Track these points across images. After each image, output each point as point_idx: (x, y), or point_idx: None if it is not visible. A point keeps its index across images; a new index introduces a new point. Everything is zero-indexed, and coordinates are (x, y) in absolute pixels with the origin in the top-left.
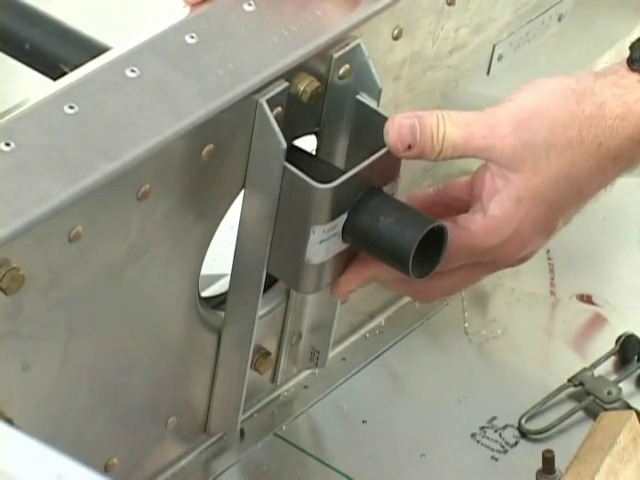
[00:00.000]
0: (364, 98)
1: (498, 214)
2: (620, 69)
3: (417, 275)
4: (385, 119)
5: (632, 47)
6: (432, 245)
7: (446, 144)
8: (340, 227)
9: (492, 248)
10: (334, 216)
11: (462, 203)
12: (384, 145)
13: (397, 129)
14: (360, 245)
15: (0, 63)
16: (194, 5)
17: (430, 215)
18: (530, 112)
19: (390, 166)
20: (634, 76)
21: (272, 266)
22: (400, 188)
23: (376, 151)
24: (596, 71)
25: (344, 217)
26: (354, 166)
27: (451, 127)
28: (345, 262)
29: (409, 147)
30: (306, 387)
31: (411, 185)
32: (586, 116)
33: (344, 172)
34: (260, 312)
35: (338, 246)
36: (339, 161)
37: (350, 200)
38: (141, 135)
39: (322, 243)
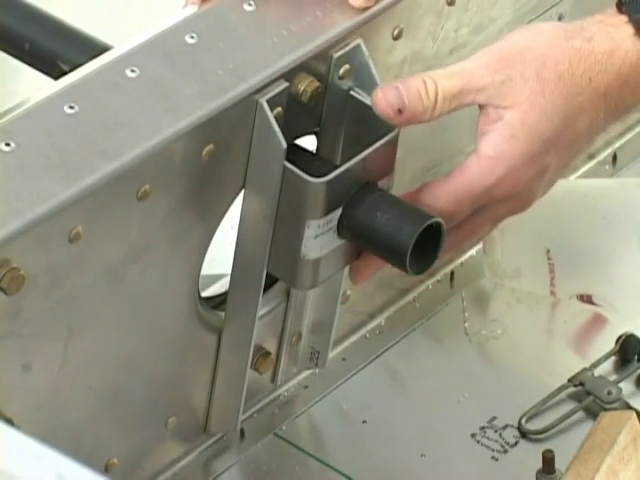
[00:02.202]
0: (358, 94)
1: (491, 152)
2: (608, 12)
3: (415, 271)
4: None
5: None
6: (429, 241)
7: (440, 97)
8: (335, 222)
9: (489, 188)
10: (329, 211)
11: None
12: (379, 140)
13: (382, 96)
14: (357, 241)
15: (2, 63)
16: (194, 3)
17: None
18: (521, 47)
19: (385, 160)
20: (622, 17)
21: (270, 264)
22: (400, 188)
23: (370, 145)
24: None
25: (339, 212)
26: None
27: (443, 80)
28: (342, 258)
29: (399, 111)
30: (306, 387)
31: (411, 185)
32: (575, 50)
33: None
34: (260, 312)
35: (334, 241)
36: (339, 160)
37: (345, 195)
38: (141, 135)
39: (317, 238)
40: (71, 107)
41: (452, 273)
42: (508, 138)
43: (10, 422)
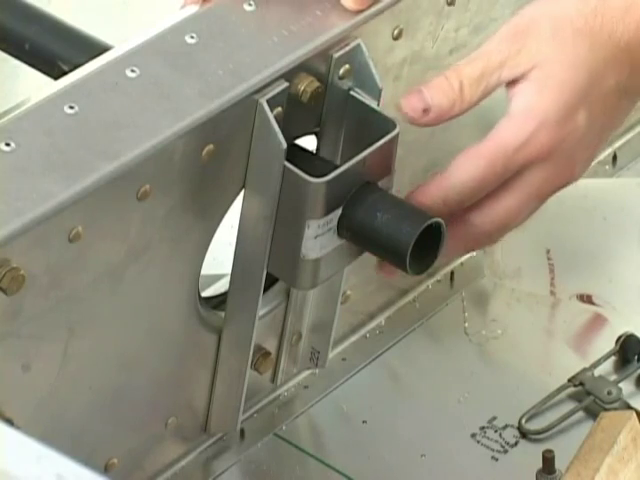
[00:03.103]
0: (358, 94)
1: (520, 107)
2: None
3: (415, 271)
4: (378, 113)
5: None
6: (429, 241)
7: (465, 85)
8: (335, 222)
9: (523, 145)
10: (329, 211)
11: None
12: (379, 140)
13: (406, 102)
14: (357, 241)
15: (2, 63)
16: (194, 3)
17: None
18: (534, 16)
19: (385, 160)
20: None
21: (270, 264)
22: (400, 188)
23: (370, 145)
24: None
25: (339, 212)
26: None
27: (463, 67)
28: (342, 258)
29: (425, 112)
30: (306, 387)
31: (411, 185)
32: (591, 8)
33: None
34: (260, 312)
35: (333, 241)
36: (339, 160)
37: (345, 195)
38: (141, 135)
39: (317, 238)
40: (71, 107)
41: (452, 273)
42: (537, 92)
43: (10, 422)
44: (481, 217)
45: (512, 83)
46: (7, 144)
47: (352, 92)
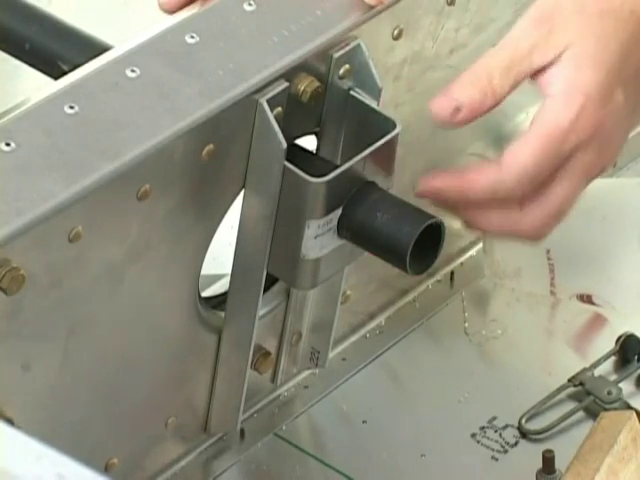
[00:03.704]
0: (358, 94)
1: (563, 86)
2: None
3: (415, 271)
4: (378, 113)
5: None
6: (429, 241)
7: (495, 76)
8: (335, 222)
9: (574, 123)
10: (329, 211)
11: None
12: (379, 140)
13: (435, 105)
14: (356, 241)
15: (2, 63)
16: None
17: None
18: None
19: (385, 160)
20: None
21: (270, 264)
22: (400, 188)
23: (370, 145)
24: None
25: (339, 212)
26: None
27: (490, 58)
28: (342, 258)
29: (458, 110)
30: (306, 387)
31: (411, 185)
32: None
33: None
34: (260, 312)
35: (333, 241)
36: (339, 160)
37: (345, 195)
38: (141, 135)
39: (317, 238)
40: (71, 107)
41: (452, 273)
42: (575, 70)
43: (10, 422)
44: (540, 209)
45: (542, 70)
46: (7, 144)
47: (352, 92)
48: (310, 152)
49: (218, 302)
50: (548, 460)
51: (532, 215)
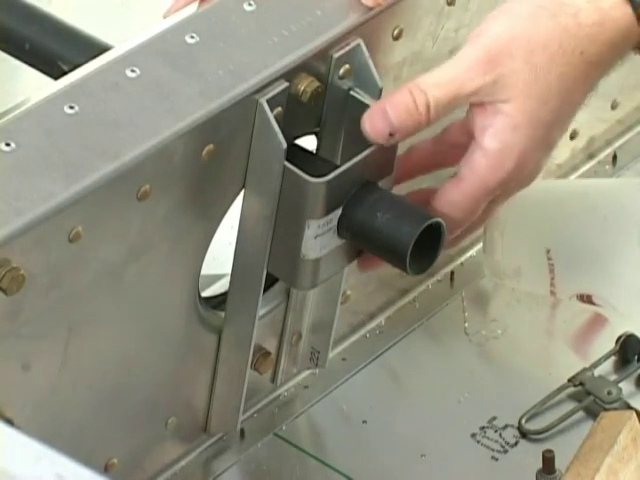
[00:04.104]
0: (358, 94)
1: (497, 146)
2: None
3: (415, 271)
4: None
5: None
6: (429, 241)
7: (432, 108)
8: (335, 222)
9: (503, 181)
10: (329, 211)
11: (461, 148)
12: None
13: (371, 126)
14: (356, 241)
15: (2, 63)
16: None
17: (432, 165)
18: (506, 40)
19: (385, 160)
20: None
21: (270, 264)
22: (400, 188)
23: (370, 145)
24: None
25: (339, 212)
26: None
27: (433, 89)
28: (342, 258)
29: (392, 135)
30: (306, 387)
31: (411, 185)
32: (562, 28)
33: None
34: (260, 312)
35: (333, 241)
36: (339, 160)
37: (345, 195)
38: (141, 135)
39: (317, 238)
40: (71, 107)
41: (452, 273)
42: (512, 129)
43: (10, 422)
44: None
45: (480, 105)
46: (7, 144)
47: (352, 92)
48: (310, 152)
49: (218, 302)
50: (548, 460)
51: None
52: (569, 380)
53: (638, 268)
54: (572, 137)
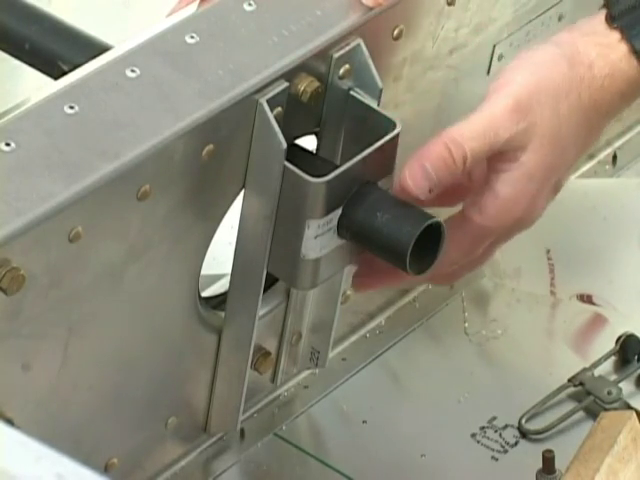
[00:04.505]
0: (358, 94)
1: (509, 194)
2: (598, 26)
3: (415, 271)
4: (378, 113)
5: (608, 2)
6: (429, 241)
7: (469, 161)
8: (335, 222)
9: (509, 227)
10: (329, 211)
11: (460, 189)
12: (379, 139)
13: (413, 184)
14: (356, 241)
15: (2, 63)
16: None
17: (425, 205)
18: (535, 89)
19: (385, 160)
20: (614, 35)
21: (270, 264)
22: None
23: (370, 145)
24: (573, 27)
25: (339, 212)
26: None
27: (470, 142)
28: (342, 258)
29: (431, 190)
30: (306, 387)
31: None
32: (580, 78)
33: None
34: (260, 312)
35: (333, 241)
36: (339, 160)
37: (345, 195)
38: (141, 135)
39: (317, 238)
40: (71, 107)
41: None
42: (528, 179)
43: (10, 422)
44: (448, 272)
45: (500, 153)
46: (7, 144)
47: (352, 92)
48: (310, 152)
49: (218, 302)
50: (548, 460)
51: (452, 272)
52: (569, 380)
53: (638, 268)
54: None
